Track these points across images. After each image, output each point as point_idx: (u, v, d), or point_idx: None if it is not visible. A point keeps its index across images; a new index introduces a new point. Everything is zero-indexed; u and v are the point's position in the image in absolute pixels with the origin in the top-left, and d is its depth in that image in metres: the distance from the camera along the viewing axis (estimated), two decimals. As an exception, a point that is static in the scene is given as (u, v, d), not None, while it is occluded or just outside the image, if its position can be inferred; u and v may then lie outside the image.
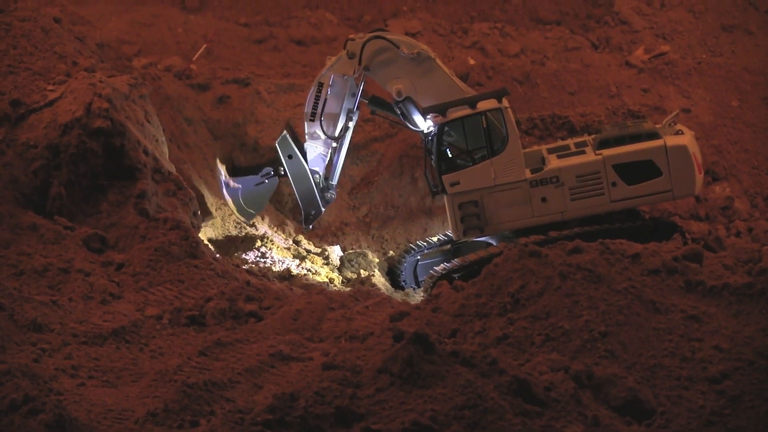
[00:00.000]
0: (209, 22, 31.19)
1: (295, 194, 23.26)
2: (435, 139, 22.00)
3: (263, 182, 23.50)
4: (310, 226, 23.56)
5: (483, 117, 21.87)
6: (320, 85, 22.65)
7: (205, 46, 29.38)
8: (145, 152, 20.70)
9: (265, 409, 12.26)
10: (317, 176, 23.04)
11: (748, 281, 14.30)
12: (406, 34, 30.03)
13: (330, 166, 23.20)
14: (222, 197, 23.92)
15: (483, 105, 21.95)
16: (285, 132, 23.25)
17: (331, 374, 12.89)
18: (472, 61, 28.98)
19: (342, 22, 31.51)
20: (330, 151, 23.04)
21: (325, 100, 22.66)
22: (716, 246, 20.99)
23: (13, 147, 20.06)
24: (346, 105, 22.74)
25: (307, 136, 22.97)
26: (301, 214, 23.29)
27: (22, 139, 20.10)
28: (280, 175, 23.31)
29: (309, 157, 23.04)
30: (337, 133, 22.79)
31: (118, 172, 20.38)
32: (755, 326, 13.57)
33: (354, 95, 22.72)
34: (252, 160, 25.65)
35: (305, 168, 22.96)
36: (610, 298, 13.95)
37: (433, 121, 22.12)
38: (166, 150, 22.35)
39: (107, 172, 20.34)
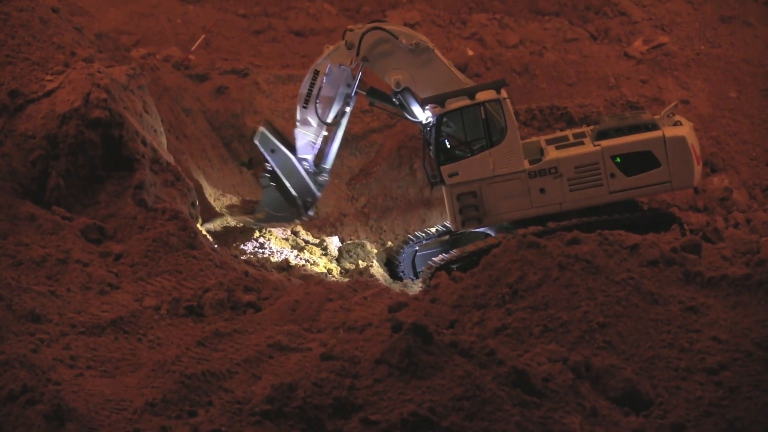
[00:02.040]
0: (208, 12, 31.16)
1: (287, 186, 23.13)
2: (433, 130, 21.98)
3: (271, 186, 23.34)
4: (311, 212, 23.49)
5: (481, 108, 21.85)
6: (316, 72, 22.62)
7: (203, 36, 29.35)
8: (144, 143, 20.68)
9: (263, 399, 12.26)
10: (306, 163, 22.96)
11: (747, 272, 14.31)
12: (405, 24, 30.01)
13: (320, 153, 23.12)
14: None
15: (481, 96, 21.92)
16: (261, 128, 23.10)
17: (329, 365, 12.90)
18: (470, 52, 28.96)
19: (341, 12, 31.49)
20: (320, 139, 22.98)
21: (320, 88, 22.62)
22: (714, 237, 21.00)
23: (11, 137, 20.04)
24: (341, 93, 22.71)
25: (298, 123, 22.88)
26: (299, 203, 23.19)
27: (21, 129, 20.08)
28: (267, 171, 23.16)
29: (298, 144, 22.93)
30: (330, 119, 22.76)
31: (117, 162, 20.36)
32: (753, 317, 13.59)
33: (349, 86, 22.69)
34: (251, 150, 25.62)
35: (290, 158, 22.86)
36: (609, 289, 13.96)
37: (431, 112, 22.10)
38: (164, 140, 22.34)
39: (105, 163, 20.32)
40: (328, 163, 23.20)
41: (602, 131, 22.12)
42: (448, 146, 22.10)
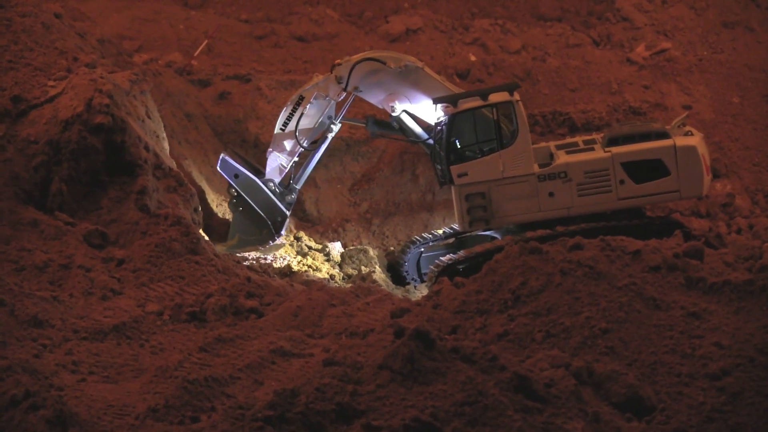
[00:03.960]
0: (210, 18, 31.20)
1: (255, 208, 23.11)
2: (445, 130, 22.01)
3: (239, 210, 23.32)
4: (282, 232, 23.47)
5: (494, 109, 21.88)
6: (300, 98, 22.68)
7: (206, 42, 29.39)
8: (146, 148, 20.69)
9: (265, 405, 12.26)
10: (272, 184, 22.98)
11: (749, 278, 14.30)
12: (407, 30, 30.11)
13: (287, 178, 23.16)
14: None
15: (494, 97, 21.96)
16: (222, 155, 23.13)
17: (331, 370, 12.90)
18: (473, 58, 28.99)
19: (343, 18, 31.52)
20: (291, 164, 23.03)
21: (302, 114, 22.68)
22: (717, 243, 20.98)
23: (13, 143, 20.05)
24: (322, 123, 22.80)
25: (272, 146, 22.96)
26: (269, 224, 23.16)
27: (23, 134, 20.10)
28: (234, 197, 23.15)
29: (268, 167, 23.01)
30: (307, 145, 22.85)
31: (119, 168, 20.37)
32: (756, 323, 13.58)
33: (330, 118, 22.81)
34: (253, 157, 25.65)
35: (254, 180, 22.89)
36: (611, 295, 13.95)
37: (444, 111, 22.15)
38: (166, 146, 22.36)
39: (108, 168, 20.33)
40: (299, 184, 23.27)
41: (613, 138, 22.13)
42: (459, 146, 22.13)
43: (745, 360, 12.95)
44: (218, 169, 23.11)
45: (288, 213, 23.29)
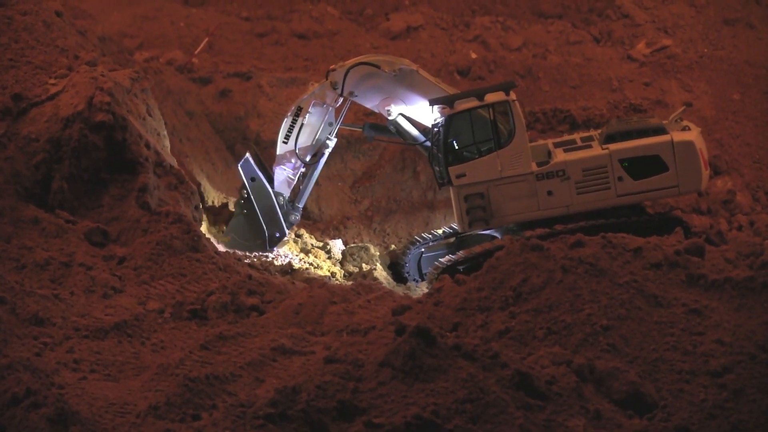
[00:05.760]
0: (211, 15, 31.21)
1: (259, 216, 23.13)
2: (442, 131, 22.00)
3: (243, 213, 23.27)
4: (275, 249, 23.45)
5: (490, 109, 21.86)
6: (299, 109, 22.69)
7: (206, 39, 29.39)
8: (147, 146, 20.69)
9: (267, 402, 12.27)
10: (281, 198, 23.00)
11: (750, 275, 14.31)
12: (408, 27, 30.10)
13: (296, 190, 23.18)
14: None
15: (490, 97, 21.93)
16: (248, 155, 23.13)
17: (333, 368, 12.91)
18: (474, 55, 28.98)
19: (344, 15, 31.52)
20: (298, 175, 23.05)
21: (302, 125, 22.68)
22: (718, 240, 20.96)
23: (14, 141, 20.05)
24: (322, 134, 22.79)
25: (277, 159, 22.95)
26: (266, 236, 23.16)
27: (24, 132, 20.10)
28: (243, 199, 23.16)
29: (276, 180, 23.00)
30: (308, 158, 22.83)
31: (120, 165, 20.37)
32: (757, 320, 13.59)
33: (331, 125, 22.82)
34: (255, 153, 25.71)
35: (268, 190, 22.89)
36: (612, 292, 13.96)
37: (440, 113, 22.13)
38: (167, 144, 22.36)
39: (109, 166, 20.34)
40: (302, 202, 23.28)
41: (610, 135, 22.11)
42: (456, 147, 22.12)
43: (746, 357, 12.96)
44: (239, 166, 23.08)
45: (287, 233, 23.31)
